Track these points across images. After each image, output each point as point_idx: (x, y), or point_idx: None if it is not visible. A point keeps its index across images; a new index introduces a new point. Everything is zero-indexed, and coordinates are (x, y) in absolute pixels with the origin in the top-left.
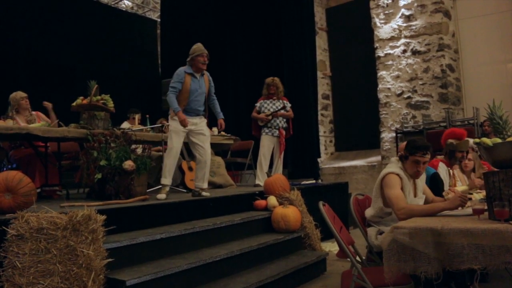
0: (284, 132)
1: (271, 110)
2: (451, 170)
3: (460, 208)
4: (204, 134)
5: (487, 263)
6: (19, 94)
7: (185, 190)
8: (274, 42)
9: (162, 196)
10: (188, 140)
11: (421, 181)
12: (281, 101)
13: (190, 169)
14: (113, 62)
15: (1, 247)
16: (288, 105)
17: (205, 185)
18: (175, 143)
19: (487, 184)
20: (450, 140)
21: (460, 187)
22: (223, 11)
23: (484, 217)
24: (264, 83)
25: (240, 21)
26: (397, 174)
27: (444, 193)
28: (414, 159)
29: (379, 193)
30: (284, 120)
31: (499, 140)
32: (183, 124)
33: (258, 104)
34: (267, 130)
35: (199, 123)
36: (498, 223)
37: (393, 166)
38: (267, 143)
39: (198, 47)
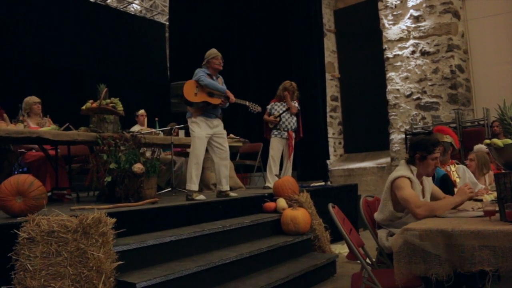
0: (293, 134)
1: (280, 112)
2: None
3: (471, 209)
4: (224, 136)
5: (499, 265)
6: (33, 99)
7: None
8: (283, 44)
9: (202, 196)
10: (207, 144)
11: (428, 182)
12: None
13: None
14: (122, 66)
15: (12, 250)
16: (295, 104)
17: (228, 187)
18: (200, 150)
19: (498, 186)
20: None
21: (490, 196)
22: (231, 14)
23: (496, 219)
24: (280, 85)
25: (248, 24)
26: (408, 178)
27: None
28: (432, 157)
29: (389, 197)
30: (294, 120)
31: (510, 141)
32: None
33: (269, 106)
34: (276, 132)
35: (219, 125)
36: (509, 224)
37: (403, 169)
38: (277, 145)
39: (213, 51)
